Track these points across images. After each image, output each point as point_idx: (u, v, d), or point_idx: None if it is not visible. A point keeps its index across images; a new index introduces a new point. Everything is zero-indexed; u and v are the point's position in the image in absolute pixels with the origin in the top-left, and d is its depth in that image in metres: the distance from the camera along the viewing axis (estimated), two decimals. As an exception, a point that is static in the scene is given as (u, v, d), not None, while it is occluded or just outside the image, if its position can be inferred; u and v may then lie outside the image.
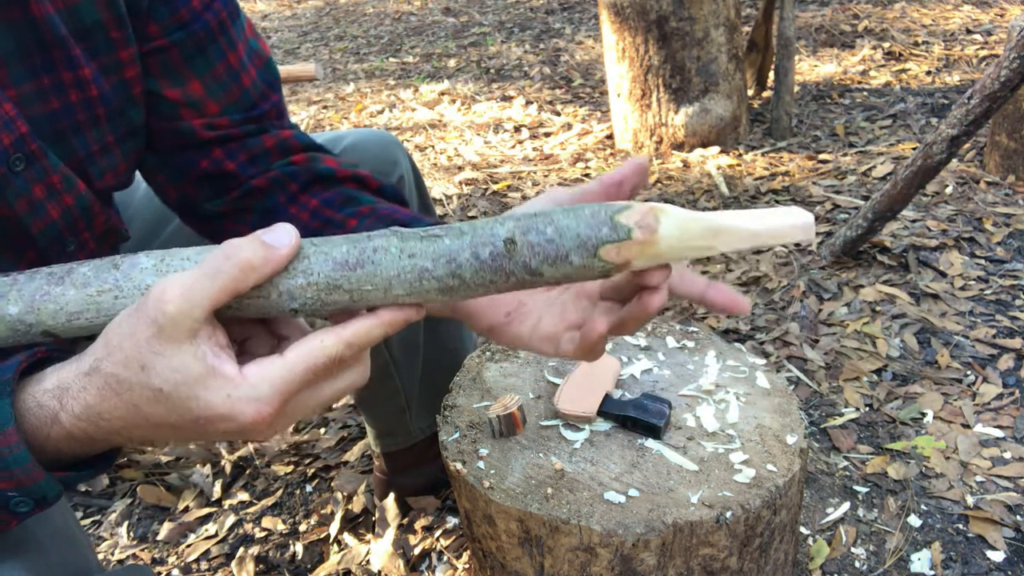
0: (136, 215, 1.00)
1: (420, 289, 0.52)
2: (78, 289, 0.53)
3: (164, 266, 0.54)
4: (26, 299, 0.53)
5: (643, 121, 2.75)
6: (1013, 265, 1.89)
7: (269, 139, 0.83)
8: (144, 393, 0.49)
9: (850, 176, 2.44)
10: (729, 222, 0.53)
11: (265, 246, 0.49)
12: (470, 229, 0.53)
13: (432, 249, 0.52)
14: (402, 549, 1.26)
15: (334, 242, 0.53)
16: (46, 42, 0.64)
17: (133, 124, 0.74)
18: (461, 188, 2.71)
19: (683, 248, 0.53)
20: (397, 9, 5.98)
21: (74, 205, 0.70)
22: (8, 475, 0.51)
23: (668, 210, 0.53)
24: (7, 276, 0.54)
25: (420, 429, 1.29)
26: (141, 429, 0.51)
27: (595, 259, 0.52)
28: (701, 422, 0.93)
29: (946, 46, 3.45)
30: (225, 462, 1.54)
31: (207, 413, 0.49)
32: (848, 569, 1.18)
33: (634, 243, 0.52)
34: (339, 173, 0.81)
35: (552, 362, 1.05)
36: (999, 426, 1.41)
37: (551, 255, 0.52)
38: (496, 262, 0.52)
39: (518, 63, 4.15)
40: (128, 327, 0.49)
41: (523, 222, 0.52)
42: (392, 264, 0.51)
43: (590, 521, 0.80)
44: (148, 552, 1.36)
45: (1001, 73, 1.54)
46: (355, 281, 0.51)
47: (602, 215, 0.52)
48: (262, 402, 0.49)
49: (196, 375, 0.48)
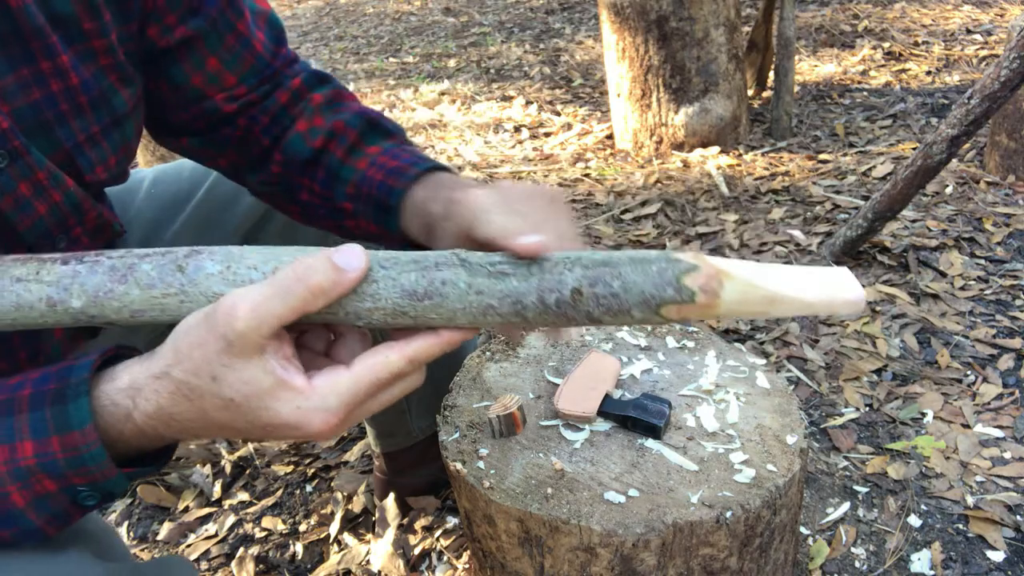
0: (138, 216, 0.99)
1: (482, 321, 0.55)
2: (142, 290, 0.55)
3: (231, 275, 0.55)
4: (89, 294, 0.55)
5: (643, 121, 2.75)
6: (1013, 265, 1.89)
7: (283, 95, 0.84)
8: (215, 401, 0.51)
9: (850, 176, 2.44)
10: (786, 292, 0.53)
11: (336, 270, 0.51)
12: (538, 271, 0.54)
13: (499, 288, 0.54)
14: (402, 549, 1.26)
15: (402, 265, 0.54)
16: (24, 33, 0.63)
17: (117, 113, 0.73)
18: (461, 188, 2.71)
19: (740, 312, 0.54)
20: (397, 9, 5.98)
21: (62, 202, 0.70)
22: (85, 471, 0.53)
23: (733, 274, 0.53)
24: (67, 266, 0.55)
25: (420, 429, 1.29)
26: (210, 430, 0.54)
27: (655, 315, 0.54)
28: (701, 422, 0.93)
29: (946, 46, 3.45)
30: (225, 462, 1.54)
31: (276, 422, 0.51)
32: (848, 569, 1.18)
33: (696, 306, 0.53)
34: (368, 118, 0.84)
35: (552, 362, 1.05)
36: (999, 426, 1.41)
37: (614, 308, 0.53)
38: (560, 308, 0.54)
39: (518, 63, 4.15)
40: (197, 337, 0.51)
41: (591, 272, 0.53)
42: (459, 298, 0.53)
43: (590, 521, 0.80)
44: (148, 552, 1.36)
45: (1001, 73, 1.54)
46: (421, 310, 0.53)
47: (669, 275, 0.53)
48: (330, 412, 0.51)
49: (266, 388, 0.50)
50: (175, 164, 1.06)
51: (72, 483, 0.54)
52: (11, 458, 0.53)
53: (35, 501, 0.54)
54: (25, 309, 0.55)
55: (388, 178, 0.78)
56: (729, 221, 2.25)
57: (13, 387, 0.55)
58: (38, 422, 0.53)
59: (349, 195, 0.81)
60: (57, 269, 0.56)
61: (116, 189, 1.00)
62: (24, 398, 0.54)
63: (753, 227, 2.20)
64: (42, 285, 0.55)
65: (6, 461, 0.53)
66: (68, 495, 0.54)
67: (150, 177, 1.03)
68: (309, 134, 0.83)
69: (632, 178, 2.62)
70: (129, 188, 1.01)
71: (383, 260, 0.54)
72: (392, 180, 0.78)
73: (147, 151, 2.30)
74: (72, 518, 0.56)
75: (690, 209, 2.36)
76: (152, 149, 2.29)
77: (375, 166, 0.80)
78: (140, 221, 0.99)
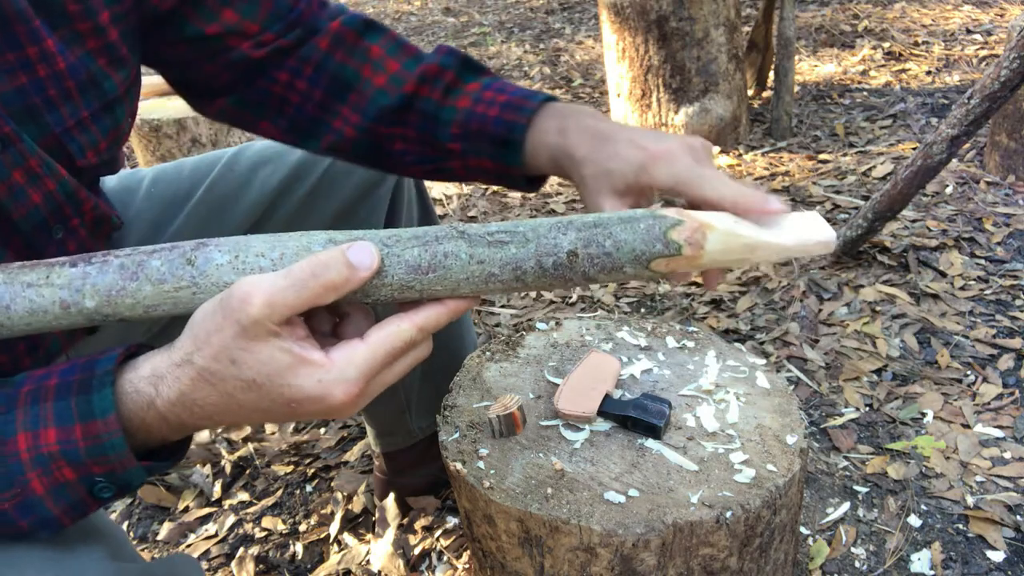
0: (138, 215, 0.99)
1: (484, 288, 0.58)
2: (154, 285, 0.56)
3: (240, 263, 0.56)
4: (102, 294, 0.57)
5: (643, 121, 2.75)
6: (1013, 265, 1.89)
7: (322, 40, 0.83)
8: (237, 383, 0.53)
9: (850, 176, 2.44)
10: (764, 238, 0.58)
11: (350, 267, 0.53)
12: (534, 236, 0.57)
13: (499, 256, 0.57)
14: (402, 549, 1.26)
15: (405, 242, 0.57)
16: (7, 18, 0.63)
17: (107, 97, 0.73)
18: (461, 188, 2.71)
19: (723, 261, 0.58)
20: (397, 9, 5.98)
21: (57, 190, 0.69)
22: (104, 460, 0.54)
23: (715, 225, 0.58)
24: (76, 268, 0.57)
25: (420, 429, 1.29)
26: (233, 414, 0.55)
27: (646, 270, 0.58)
28: (701, 422, 0.93)
29: (946, 46, 3.45)
30: (225, 462, 1.54)
31: (299, 396, 0.53)
32: (848, 569, 1.18)
33: (683, 258, 0.57)
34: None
35: (552, 362, 1.05)
36: (999, 426, 1.41)
37: (607, 266, 0.57)
38: (558, 271, 0.57)
39: (518, 63, 4.15)
40: (213, 324, 0.53)
41: (584, 234, 0.57)
42: (461, 269, 0.56)
43: (590, 521, 0.80)
44: (148, 552, 1.36)
45: (1001, 73, 1.54)
46: (426, 283, 0.56)
47: (656, 231, 0.57)
48: (350, 383, 0.54)
49: (286, 365, 0.52)
50: (175, 163, 1.06)
51: (91, 472, 0.55)
52: (35, 444, 0.54)
53: (53, 489, 0.55)
54: (39, 313, 0.57)
55: (504, 113, 0.79)
56: (729, 221, 2.25)
57: (39, 377, 0.57)
58: (63, 410, 0.54)
59: (455, 135, 0.81)
60: (67, 272, 0.57)
61: (116, 188, 1.00)
62: (50, 387, 0.55)
63: (753, 227, 2.20)
64: (54, 288, 0.57)
65: (29, 448, 0.54)
66: (85, 485, 0.55)
67: (150, 176, 1.03)
68: (392, 83, 0.82)
69: (632, 178, 2.62)
70: (129, 187, 1.01)
71: (386, 239, 0.57)
72: (510, 115, 0.78)
73: (147, 151, 2.30)
74: (88, 509, 0.57)
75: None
76: (152, 149, 2.28)
77: (483, 102, 0.80)
78: (140, 220, 0.99)
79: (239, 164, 1.02)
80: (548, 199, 2.55)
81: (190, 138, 2.25)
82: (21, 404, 0.55)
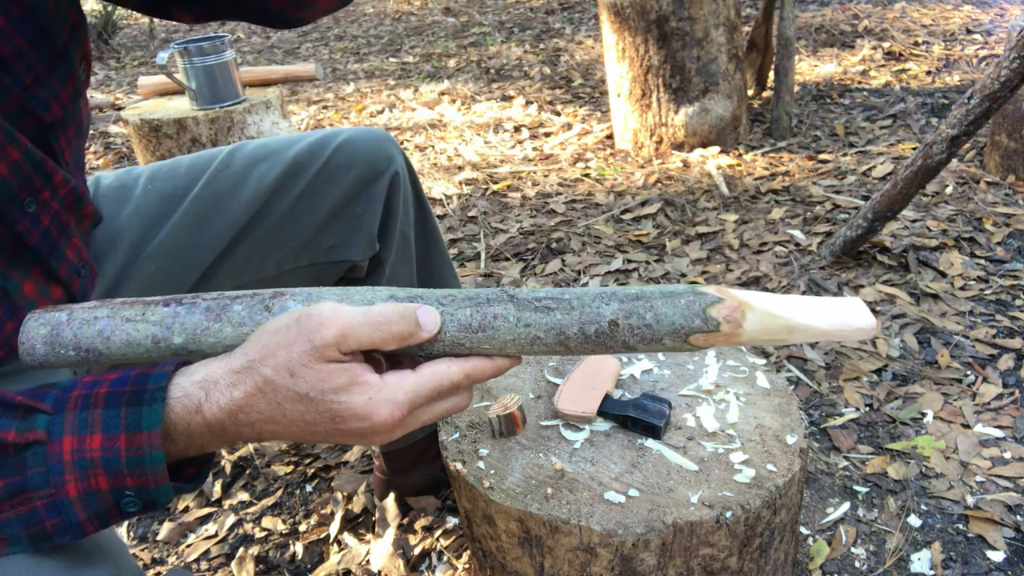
0: (135, 212, 0.99)
1: (530, 349, 0.62)
2: (234, 327, 0.63)
3: None
4: (189, 332, 0.63)
5: (643, 121, 2.75)
6: (1013, 265, 1.89)
7: None
8: (289, 394, 0.56)
9: (850, 176, 2.44)
10: (803, 321, 0.59)
11: (417, 325, 0.59)
12: (578, 304, 0.61)
13: (544, 321, 0.60)
14: (402, 549, 1.26)
15: (459, 302, 0.61)
16: None
17: (55, 45, 0.71)
18: (461, 188, 2.71)
19: (760, 340, 0.60)
20: (397, 9, 5.98)
21: (23, 160, 0.69)
22: (140, 472, 0.56)
23: (754, 305, 0.60)
24: (168, 308, 0.64)
25: (420, 429, 1.29)
26: (276, 424, 0.57)
27: (684, 343, 0.60)
28: (701, 422, 0.93)
29: (946, 46, 3.45)
30: (225, 462, 1.54)
31: (346, 413, 0.56)
32: (848, 569, 1.18)
33: (720, 334, 0.59)
34: None
35: (552, 362, 1.05)
36: (999, 426, 1.41)
37: (647, 337, 0.60)
38: (599, 338, 0.60)
39: (518, 63, 4.15)
40: (285, 338, 0.56)
41: (626, 305, 0.60)
42: (509, 331, 0.61)
43: (590, 521, 0.80)
44: (148, 552, 1.36)
45: (1001, 73, 1.54)
46: (476, 341, 0.61)
47: (696, 307, 0.59)
48: (396, 406, 0.57)
49: (341, 384, 0.56)
50: (171, 160, 1.06)
51: (123, 484, 0.56)
52: (78, 448, 0.55)
53: (86, 495, 0.56)
54: (134, 346, 0.63)
55: None
56: (729, 221, 2.25)
57: (90, 384, 0.58)
58: (112, 418, 0.55)
59: None
60: (160, 311, 0.64)
61: (113, 185, 1.00)
62: (100, 395, 0.56)
63: (753, 227, 2.20)
64: (148, 324, 0.63)
65: (73, 451, 0.55)
66: (114, 496, 0.56)
67: (147, 173, 1.03)
68: None
69: (632, 178, 2.62)
70: (126, 184, 1.00)
71: (441, 298, 0.62)
72: None
73: (147, 151, 2.30)
74: (110, 521, 0.58)
75: (690, 209, 2.36)
76: (152, 149, 2.28)
77: None
78: (137, 217, 0.99)
79: (235, 161, 1.02)
80: (548, 199, 2.55)
81: (190, 138, 2.24)
82: (71, 407, 0.56)
